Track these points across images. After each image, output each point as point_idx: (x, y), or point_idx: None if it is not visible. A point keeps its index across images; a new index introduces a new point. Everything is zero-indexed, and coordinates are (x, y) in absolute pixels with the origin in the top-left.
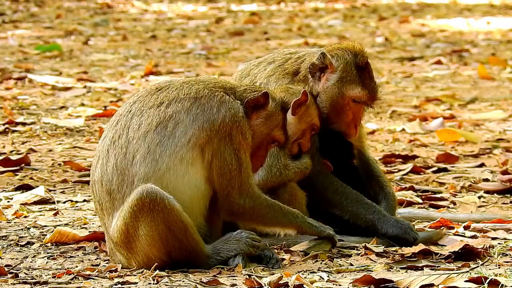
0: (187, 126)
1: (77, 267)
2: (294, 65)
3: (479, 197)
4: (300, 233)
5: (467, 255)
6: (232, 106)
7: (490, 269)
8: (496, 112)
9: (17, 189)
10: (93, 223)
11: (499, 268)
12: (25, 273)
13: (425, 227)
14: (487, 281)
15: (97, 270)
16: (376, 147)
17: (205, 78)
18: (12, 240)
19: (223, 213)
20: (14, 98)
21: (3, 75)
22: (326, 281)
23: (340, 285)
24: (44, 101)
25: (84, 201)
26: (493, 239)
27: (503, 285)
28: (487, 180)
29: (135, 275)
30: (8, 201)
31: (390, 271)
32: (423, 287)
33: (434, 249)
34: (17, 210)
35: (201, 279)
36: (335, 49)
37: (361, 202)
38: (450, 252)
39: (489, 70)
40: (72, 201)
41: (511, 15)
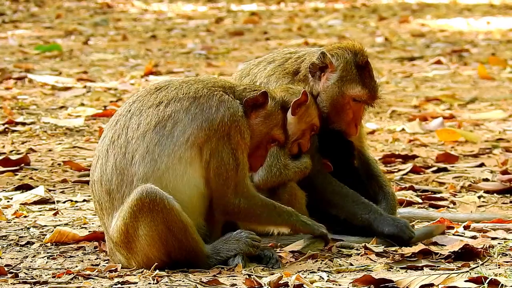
0: (185, 126)
1: (77, 267)
2: (294, 64)
3: (479, 197)
4: (294, 231)
5: (467, 255)
6: (231, 106)
7: (490, 269)
8: (496, 112)
9: (17, 189)
10: (93, 223)
11: (499, 268)
12: (25, 273)
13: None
14: (487, 281)
15: (97, 270)
16: (376, 147)
17: (204, 77)
18: (12, 240)
19: (218, 213)
20: (14, 98)
21: (3, 75)
22: (326, 281)
23: (340, 285)
24: (44, 101)
25: (84, 201)
26: (493, 239)
27: (503, 285)
28: (487, 180)
29: (135, 275)
30: (8, 201)
31: (390, 271)
32: (423, 287)
33: (434, 249)
34: (17, 210)
35: (201, 279)
36: (335, 48)
37: (358, 201)
38: (450, 252)
39: (489, 70)
40: (72, 201)
41: (511, 15)
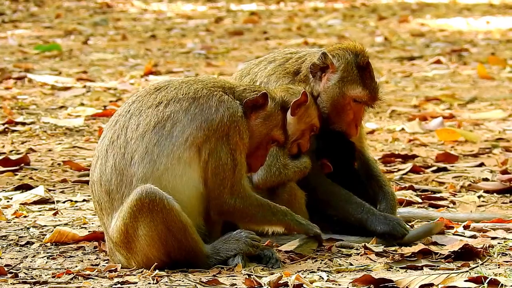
0: (185, 126)
1: (76, 267)
2: (295, 64)
3: (479, 197)
4: (289, 230)
5: (466, 254)
6: (230, 106)
7: (489, 268)
8: (495, 112)
9: (16, 189)
10: (92, 223)
11: (498, 267)
12: (24, 273)
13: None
14: (487, 280)
15: (96, 270)
16: (376, 147)
17: (204, 77)
18: (12, 240)
19: (213, 212)
20: (13, 98)
21: (2, 74)
22: (326, 281)
23: (339, 285)
24: (43, 101)
25: (84, 200)
26: (493, 238)
27: (502, 284)
28: (486, 179)
29: (134, 275)
30: (8, 201)
31: (389, 270)
32: (422, 286)
33: (433, 248)
34: (17, 210)
35: (200, 278)
36: (336, 49)
37: (350, 201)
38: (449, 251)
39: (488, 69)
40: (71, 200)
41: (510, 14)
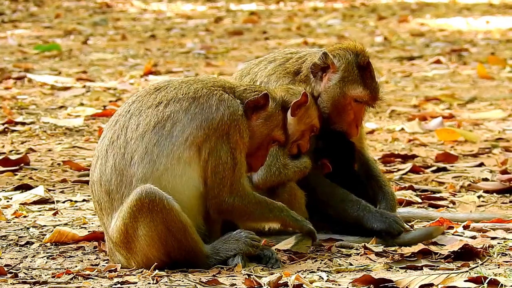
0: (185, 125)
1: (76, 267)
2: (295, 64)
3: (479, 197)
4: (284, 227)
5: (466, 254)
6: (231, 105)
7: (489, 268)
8: (495, 112)
9: (16, 189)
10: (92, 223)
11: (498, 267)
12: (24, 273)
13: (424, 226)
14: (487, 281)
15: (96, 270)
16: (376, 147)
17: (204, 77)
18: (12, 240)
19: (212, 211)
20: (13, 98)
21: (2, 74)
22: (326, 281)
23: (339, 285)
24: (43, 101)
25: (84, 200)
26: (493, 238)
27: (502, 284)
28: (486, 179)
29: (134, 275)
30: (8, 201)
31: (389, 270)
32: (422, 287)
33: (433, 248)
34: (17, 210)
35: (200, 279)
36: (336, 49)
37: (347, 199)
38: (449, 251)
39: (488, 69)
40: (71, 200)
41: (510, 14)
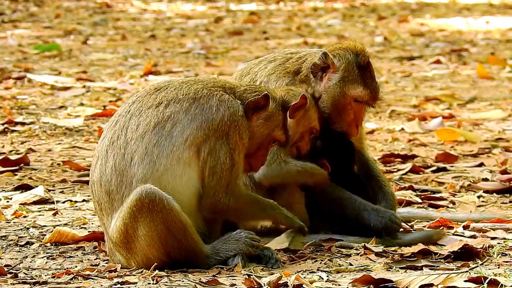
0: (185, 126)
1: (76, 267)
2: (295, 64)
3: (478, 197)
4: (276, 224)
5: (466, 255)
6: (231, 105)
7: (489, 269)
8: (495, 112)
9: (16, 189)
10: (92, 223)
11: (498, 268)
12: (24, 273)
13: (424, 226)
14: (487, 281)
15: (96, 270)
16: (375, 147)
17: (204, 78)
18: (12, 240)
19: (206, 210)
20: (13, 98)
21: (2, 74)
22: (326, 281)
23: (339, 285)
24: (43, 101)
25: (83, 201)
26: (493, 238)
27: (502, 285)
28: (486, 179)
29: (134, 275)
30: (8, 201)
31: (389, 271)
32: (422, 287)
33: (433, 249)
34: (17, 210)
35: (200, 279)
36: (336, 49)
37: (342, 198)
38: (449, 252)
39: (488, 69)
40: (71, 201)
41: (510, 14)
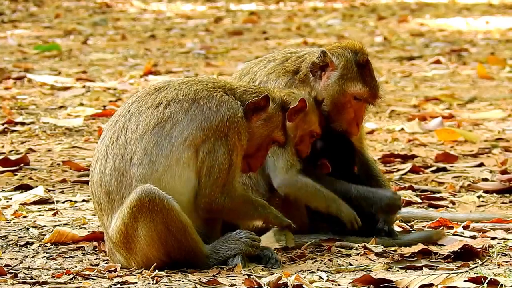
0: (184, 126)
1: (76, 267)
2: (295, 64)
3: (478, 197)
4: (266, 223)
5: (466, 255)
6: (231, 106)
7: (489, 269)
8: (495, 112)
9: (16, 189)
10: (92, 223)
11: (498, 268)
12: (24, 273)
13: (424, 226)
14: (487, 281)
15: (96, 270)
16: (375, 147)
17: (204, 78)
18: (12, 240)
19: (201, 210)
20: (13, 98)
21: (2, 74)
22: (326, 281)
23: (339, 285)
24: (43, 101)
25: (83, 201)
26: (492, 238)
27: (502, 285)
28: (486, 179)
29: (134, 275)
30: (7, 201)
31: (389, 271)
32: (422, 287)
33: (433, 249)
34: (16, 210)
35: (200, 279)
36: (335, 47)
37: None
38: (449, 252)
39: (488, 69)
40: (71, 201)
41: (510, 14)
